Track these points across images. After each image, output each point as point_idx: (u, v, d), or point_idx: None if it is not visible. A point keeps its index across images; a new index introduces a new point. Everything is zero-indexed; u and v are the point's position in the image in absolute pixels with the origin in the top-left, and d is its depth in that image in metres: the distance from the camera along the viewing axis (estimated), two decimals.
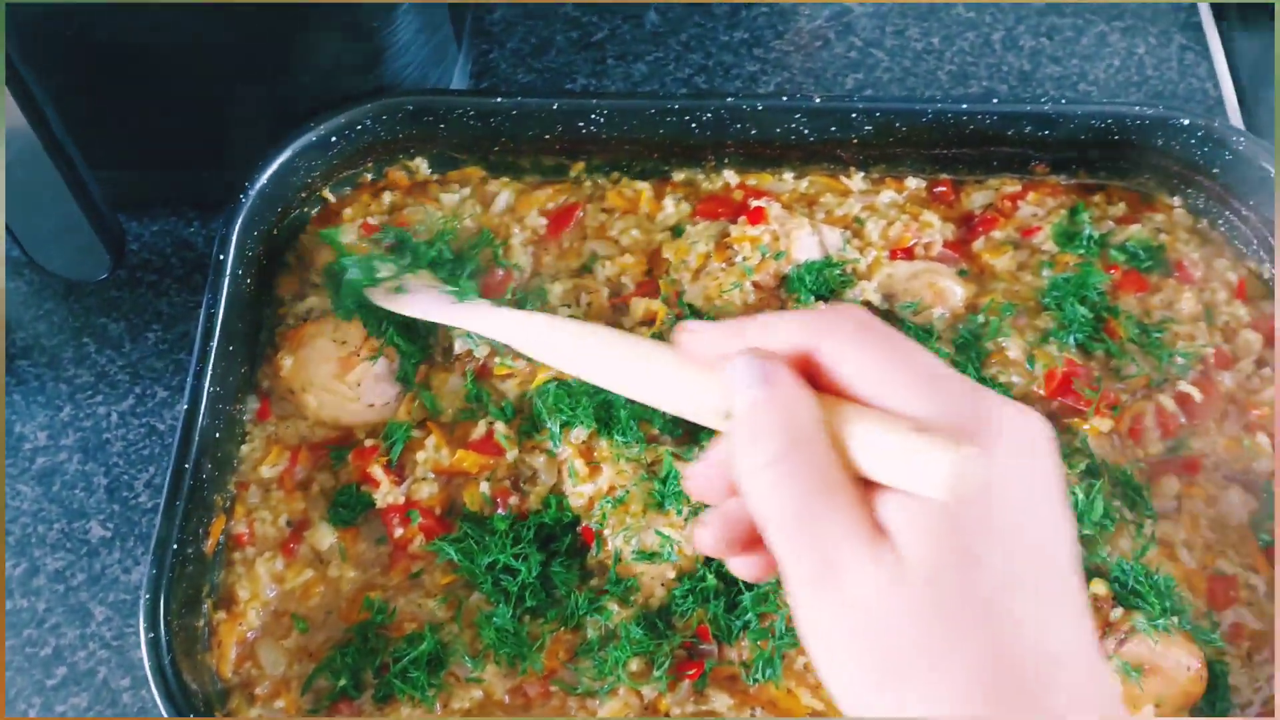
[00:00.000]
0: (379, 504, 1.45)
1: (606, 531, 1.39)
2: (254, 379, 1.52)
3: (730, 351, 0.80)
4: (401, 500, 1.45)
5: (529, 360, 1.49)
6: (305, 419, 1.50)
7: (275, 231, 1.59)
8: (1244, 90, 1.90)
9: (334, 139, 1.59)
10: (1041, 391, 1.50)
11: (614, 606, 1.37)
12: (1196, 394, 1.49)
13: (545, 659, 1.35)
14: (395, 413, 1.50)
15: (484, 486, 1.45)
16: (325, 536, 1.43)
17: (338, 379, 1.48)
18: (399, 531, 1.43)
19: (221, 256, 1.47)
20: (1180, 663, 1.29)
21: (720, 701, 1.32)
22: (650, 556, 1.37)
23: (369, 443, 1.49)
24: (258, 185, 1.53)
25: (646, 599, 1.38)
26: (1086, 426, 1.47)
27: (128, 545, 1.54)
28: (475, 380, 1.51)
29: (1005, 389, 1.50)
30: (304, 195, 1.61)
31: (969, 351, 1.53)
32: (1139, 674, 1.28)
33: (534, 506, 1.44)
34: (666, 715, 1.32)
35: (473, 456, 1.46)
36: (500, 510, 1.43)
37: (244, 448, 1.48)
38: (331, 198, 1.64)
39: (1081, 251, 1.59)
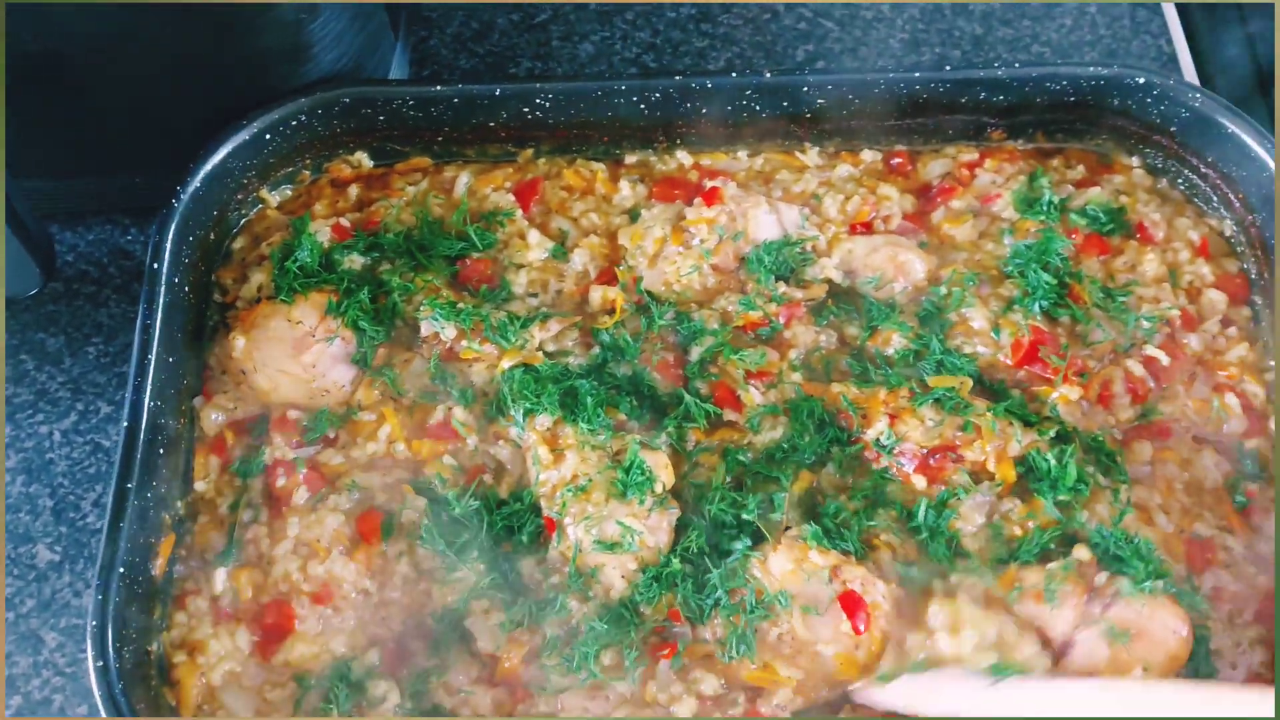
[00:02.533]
0: (266, 460, 1.40)
1: (568, 520, 1.35)
2: (199, 386, 1.47)
3: None
4: (290, 456, 1.40)
5: (496, 344, 1.45)
6: (244, 399, 1.45)
7: (212, 235, 1.53)
8: (1197, 44, 1.88)
9: (268, 136, 1.53)
10: (1008, 361, 1.47)
11: (573, 603, 1.33)
12: (1164, 357, 1.47)
13: (502, 663, 1.31)
14: (352, 395, 1.46)
15: (448, 458, 1.41)
16: (219, 581, 1.37)
17: (292, 360, 1.43)
18: (280, 481, 1.39)
19: (156, 265, 1.42)
20: (1167, 626, 1.27)
21: (710, 684, 1.29)
22: (611, 547, 1.34)
23: (292, 415, 1.44)
24: (190, 188, 1.47)
25: (606, 591, 1.34)
26: (1056, 394, 1.44)
27: (77, 568, 1.48)
28: (440, 363, 1.46)
29: (971, 359, 1.47)
30: (240, 196, 1.56)
31: (932, 324, 1.50)
32: (1126, 638, 1.26)
33: (501, 496, 1.40)
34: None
35: (429, 445, 1.42)
36: (469, 486, 1.39)
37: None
38: (270, 198, 1.58)
39: (1042, 217, 1.56)
